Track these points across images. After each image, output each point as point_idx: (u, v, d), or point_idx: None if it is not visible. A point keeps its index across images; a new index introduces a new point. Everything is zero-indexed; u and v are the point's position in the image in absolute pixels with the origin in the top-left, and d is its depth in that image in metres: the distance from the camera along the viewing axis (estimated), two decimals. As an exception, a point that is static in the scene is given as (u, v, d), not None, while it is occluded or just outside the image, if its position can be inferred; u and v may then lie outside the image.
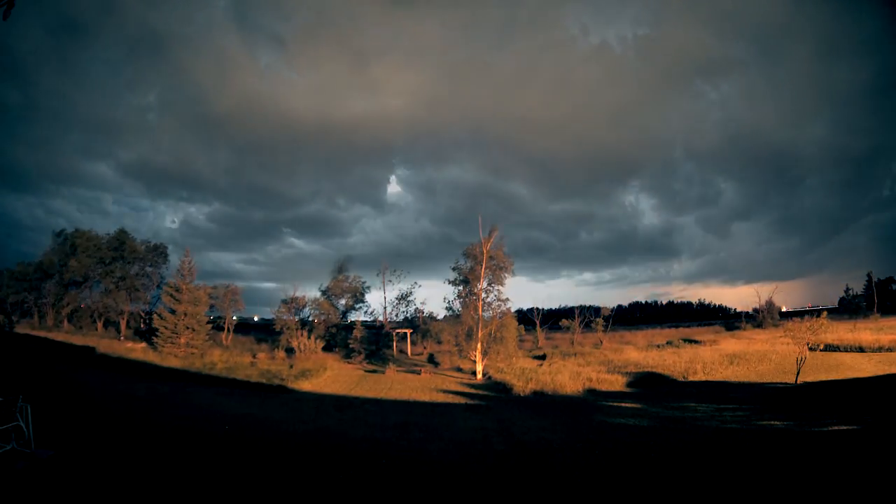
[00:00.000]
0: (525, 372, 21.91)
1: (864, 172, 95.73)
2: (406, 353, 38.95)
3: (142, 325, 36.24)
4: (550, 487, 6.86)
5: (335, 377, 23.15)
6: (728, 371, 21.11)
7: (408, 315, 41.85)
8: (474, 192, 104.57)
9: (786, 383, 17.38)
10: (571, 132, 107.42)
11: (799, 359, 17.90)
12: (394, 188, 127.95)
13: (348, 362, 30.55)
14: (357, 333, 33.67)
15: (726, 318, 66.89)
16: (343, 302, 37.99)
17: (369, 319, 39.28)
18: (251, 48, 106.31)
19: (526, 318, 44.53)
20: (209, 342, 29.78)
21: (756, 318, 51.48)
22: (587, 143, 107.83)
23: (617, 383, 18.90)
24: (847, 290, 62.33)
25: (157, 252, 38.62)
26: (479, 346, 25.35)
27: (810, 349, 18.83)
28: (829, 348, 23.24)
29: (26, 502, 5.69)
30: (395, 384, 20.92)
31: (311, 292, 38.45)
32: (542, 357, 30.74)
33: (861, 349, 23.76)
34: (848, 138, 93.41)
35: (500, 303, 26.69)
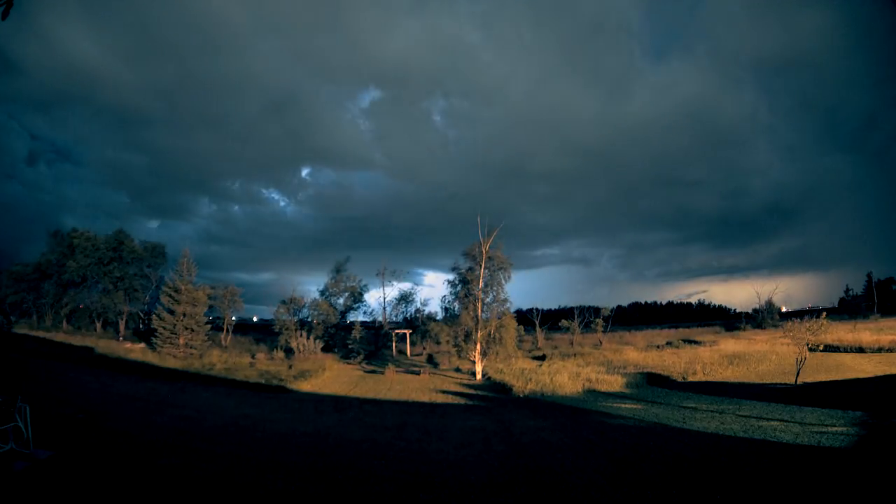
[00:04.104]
0: (524, 372, 21.89)
1: None
2: (405, 354, 38.96)
3: (140, 326, 36.28)
4: (550, 488, 6.85)
5: (334, 378, 23.12)
6: (728, 372, 21.12)
7: (407, 315, 41.94)
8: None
9: (786, 384, 17.39)
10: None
11: (799, 359, 17.90)
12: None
13: (347, 363, 30.52)
14: (356, 334, 33.67)
15: (726, 319, 66.97)
16: (342, 302, 38.02)
17: (368, 320, 39.35)
18: None
19: (525, 318, 44.58)
20: (208, 342, 29.79)
21: (756, 319, 51.62)
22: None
23: (616, 384, 18.88)
24: (847, 290, 62.56)
25: (156, 252, 38.69)
26: (478, 346, 25.36)
27: (810, 350, 18.82)
28: (829, 349, 23.27)
29: (25, 503, 5.67)
30: (394, 385, 20.90)
31: (308, 287, 38.48)
32: (542, 358, 30.74)
33: (861, 350, 23.81)
34: None
35: (498, 303, 26.72)
